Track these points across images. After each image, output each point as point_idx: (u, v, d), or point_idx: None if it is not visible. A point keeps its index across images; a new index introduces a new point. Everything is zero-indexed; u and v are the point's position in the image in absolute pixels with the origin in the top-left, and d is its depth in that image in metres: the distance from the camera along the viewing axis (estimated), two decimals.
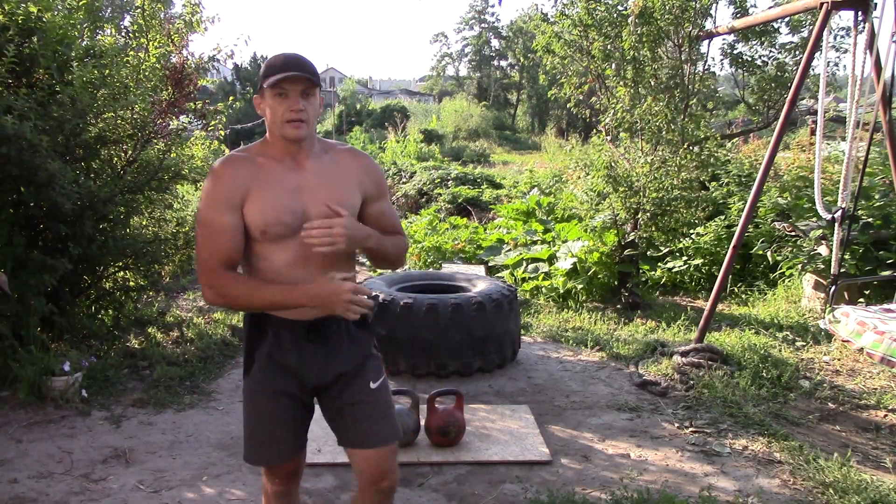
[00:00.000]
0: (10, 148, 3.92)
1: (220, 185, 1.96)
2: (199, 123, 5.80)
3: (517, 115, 46.16)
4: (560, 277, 7.04)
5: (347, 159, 2.10)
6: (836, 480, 3.24)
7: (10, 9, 4.32)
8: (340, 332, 2.08)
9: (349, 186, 2.06)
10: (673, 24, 6.26)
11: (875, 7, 4.32)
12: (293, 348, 2.04)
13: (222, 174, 1.96)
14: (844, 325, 3.96)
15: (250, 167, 1.98)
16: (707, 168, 6.71)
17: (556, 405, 4.31)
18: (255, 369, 2.08)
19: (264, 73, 1.95)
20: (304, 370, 2.06)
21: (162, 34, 5.21)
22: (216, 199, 1.95)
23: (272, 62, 1.96)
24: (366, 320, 2.14)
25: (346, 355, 2.09)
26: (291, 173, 2.00)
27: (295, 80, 1.92)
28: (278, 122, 1.95)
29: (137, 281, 5.47)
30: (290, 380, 2.07)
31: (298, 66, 1.93)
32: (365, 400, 2.10)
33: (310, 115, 1.96)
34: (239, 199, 1.95)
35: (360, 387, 2.10)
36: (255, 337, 2.07)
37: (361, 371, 2.11)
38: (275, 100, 1.94)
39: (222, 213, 1.94)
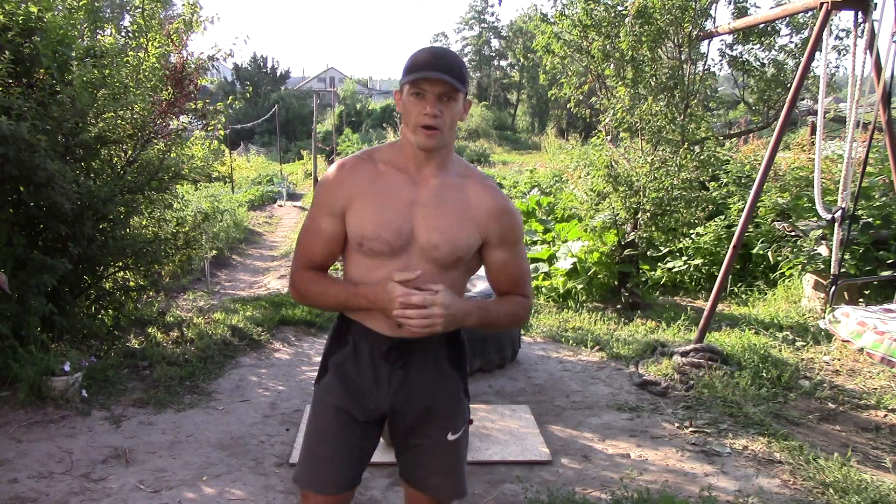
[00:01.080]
0: (7, 148, 3.92)
1: (325, 188, 1.84)
2: (199, 123, 5.81)
3: (517, 115, 46.19)
4: (560, 277, 7.04)
5: (479, 193, 1.83)
6: (836, 480, 3.24)
7: (10, 9, 4.32)
8: (427, 362, 1.89)
9: (468, 223, 1.81)
10: (672, 24, 6.26)
11: (875, 7, 4.33)
12: (369, 365, 1.86)
13: (331, 177, 1.84)
14: (844, 325, 3.96)
15: (365, 173, 1.81)
16: (707, 168, 6.71)
17: (556, 405, 4.31)
18: (327, 378, 1.90)
19: (407, 68, 1.73)
20: (376, 393, 1.87)
21: (161, 34, 5.21)
22: (319, 202, 1.85)
23: (417, 56, 1.73)
24: (461, 357, 1.97)
25: (429, 390, 1.89)
26: (409, 186, 1.79)
27: (434, 81, 1.69)
28: (410, 125, 1.74)
29: (137, 281, 5.47)
30: (351, 398, 1.87)
31: (442, 65, 1.69)
32: (435, 450, 1.92)
33: (446, 123, 1.72)
34: (340, 206, 1.81)
35: (435, 433, 1.91)
36: (335, 343, 1.92)
37: (442, 415, 1.91)
38: (410, 99, 1.72)
39: (321, 216, 1.83)
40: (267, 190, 21.15)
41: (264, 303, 6.52)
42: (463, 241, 1.80)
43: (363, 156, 1.86)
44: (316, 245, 1.85)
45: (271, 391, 4.49)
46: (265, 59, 44.57)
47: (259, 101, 39.88)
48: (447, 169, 1.82)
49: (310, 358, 5.20)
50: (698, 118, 6.49)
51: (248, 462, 3.49)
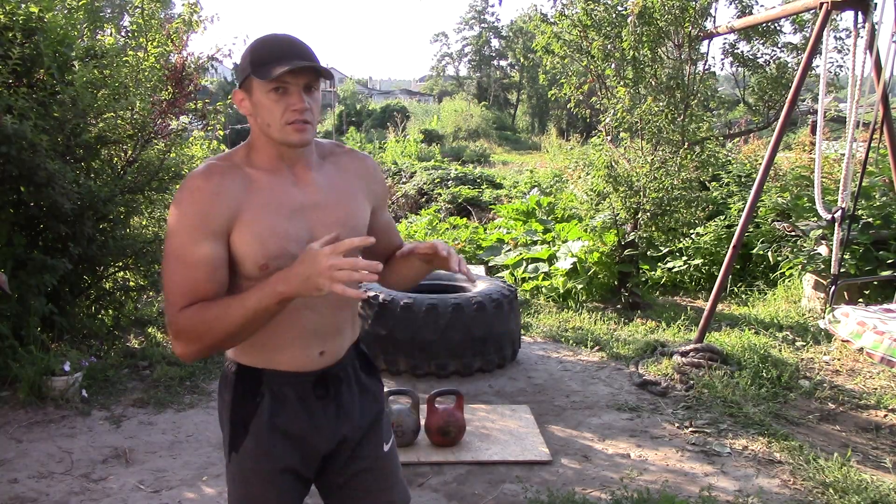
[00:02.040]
0: (10, 147, 3.92)
1: (198, 203, 1.47)
2: (200, 123, 5.81)
3: (517, 116, 46.17)
4: (560, 277, 7.04)
5: (352, 165, 1.69)
6: (836, 480, 3.24)
7: (10, 9, 4.33)
8: (350, 383, 1.71)
9: (359, 200, 1.67)
10: (673, 24, 6.26)
11: (875, 7, 4.33)
12: (300, 409, 1.62)
13: (201, 190, 1.48)
14: (844, 325, 3.96)
15: (240, 181, 1.52)
16: (707, 168, 6.71)
17: (556, 405, 4.31)
18: (249, 444, 1.61)
19: (254, 61, 1.50)
20: (316, 436, 1.64)
21: (161, 34, 5.21)
22: (193, 223, 1.46)
23: (263, 48, 1.51)
24: (371, 363, 1.81)
25: (359, 411, 1.71)
26: (291, 189, 1.56)
27: (300, 72, 1.48)
28: (277, 125, 1.50)
29: (137, 281, 5.47)
30: (296, 452, 1.63)
31: (301, 53, 1.49)
32: (376, 466, 1.75)
33: (315, 115, 1.53)
34: (224, 223, 1.48)
35: (373, 450, 1.74)
36: (246, 402, 1.62)
37: (374, 431, 1.75)
38: (269, 96, 1.49)
39: (199, 241, 1.46)
40: None
41: None
42: (362, 222, 1.66)
43: (224, 161, 1.56)
44: (201, 279, 1.47)
45: None
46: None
47: None
48: (311, 158, 1.62)
49: None
50: (699, 118, 6.49)
51: None
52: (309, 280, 1.38)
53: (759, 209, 7.12)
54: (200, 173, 1.51)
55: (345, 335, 1.70)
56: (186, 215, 1.48)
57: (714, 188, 8.14)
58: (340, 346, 1.69)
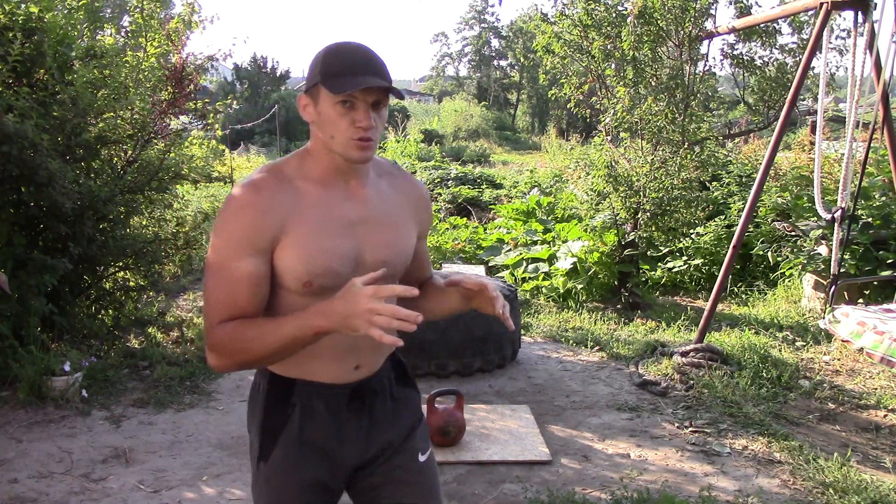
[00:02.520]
0: (11, 147, 3.92)
1: (244, 217, 1.44)
2: (200, 123, 5.81)
3: (517, 116, 46.17)
4: (560, 277, 7.04)
5: (406, 189, 1.65)
6: (836, 480, 3.24)
7: (10, 9, 4.33)
8: (385, 396, 1.67)
9: (408, 224, 1.62)
10: (673, 24, 6.26)
11: (875, 7, 4.33)
12: (330, 422, 1.58)
13: (249, 206, 1.44)
14: (844, 325, 3.96)
15: (289, 196, 1.47)
16: (707, 168, 6.71)
17: (556, 405, 4.31)
18: (278, 455, 1.59)
19: (325, 70, 1.43)
20: (345, 450, 1.60)
21: (161, 34, 5.22)
22: (237, 237, 1.44)
23: (336, 58, 1.45)
24: (408, 374, 1.77)
25: (392, 422, 1.67)
26: (344, 204, 1.51)
27: (370, 89, 1.43)
28: (340, 139, 1.45)
29: (137, 281, 5.47)
30: (326, 465, 1.60)
31: (374, 69, 1.44)
32: (409, 478, 1.68)
33: (378, 132, 1.48)
34: (269, 238, 1.45)
35: (407, 462, 1.68)
36: (278, 412, 1.58)
37: (409, 441, 1.69)
38: (336, 109, 1.43)
39: (242, 255, 1.44)
40: None
41: None
42: (408, 247, 1.62)
43: (274, 172, 1.51)
44: (241, 294, 1.45)
45: None
46: (265, 59, 44.48)
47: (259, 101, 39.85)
48: (368, 174, 1.58)
49: None
50: (699, 118, 6.49)
51: (248, 462, 3.47)
52: (347, 319, 1.35)
53: (759, 209, 7.12)
54: (250, 188, 1.47)
55: (382, 349, 1.65)
56: (232, 231, 1.45)
57: (714, 188, 8.14)
58: (377, 360, 1.65)
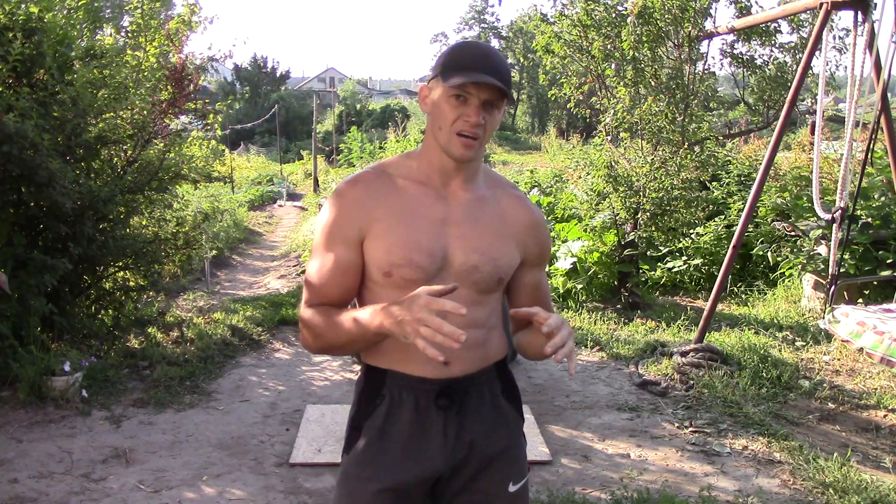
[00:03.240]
0: (11, 147, 3.92)
1: (338, 210, 1.54)
2: (200, 123, 5.82)
3: (517, 116, 46.15)
4: (560, 277, 7.04)
5: (514, 207, 1.62)
6: (836, 480, 3.24)
7: (10, 9, 4.33)
8: (483, 402, 1.59)
9: (507, 239, 1.58)
10: (673, 24, 6.26)
11: (875, 7, 4.33)
12: (416, 419, 1.54)
13: (344, 197, 1.54)
14: (844, 325, 3.96)
15: (384, 190, 1.54)
16: (707, 168, 6.71)
17: (556, 405, 4.31)
18: (361, 446, 1.56)
19: (445, 63, 1.47)
20: (429, 452, 1.54)
21: (161, 34, 5.22)
22: (330, 228, 1.54)
23: (460, 53, 1.49)
24: (515, 390, 1.67)
25: (489, 435, 1.58)
26: (437, 203, 1.54)
27: (484, 86, 1.44)
28: (447, 131, 1.47)
29: (137, 281, 5.47)
30: (408, 467, 1.53)
31: (494, 69, 1.45)
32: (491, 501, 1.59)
33: (487, 133, 1.49)
34: (357, 231, 1.52)
35: (494, 486, 1.58)
36: (366, 400, 1.58)
37: (501, 462, 1.59)
38: (449, 101, 1.46)
39: (333, 244, 1.53)
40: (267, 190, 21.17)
41: (264, 303, 6.52)
42: (505, 260, 1.57)
43: (376, 170, 1.59)
44: (331, 280, 1.54)
45: (271, 391, 4.49)
46: (265, 60, 44.56)
47: (259, 101, 39.89)
48: (475, 180, 1.58)
49: (310, 358, 5.19)
50: (698, 118, 6.49)
51: (248, 462, 3.49)
52: (401, 323, 1.35)
53: (759, 209, 7.12)
54: (348, 181, 1.57)
55: (476, 350, 1.57)
56: (328, 219, 1.55)
57: (714, 188, 8.14)
58: (470, 360, 1.57)
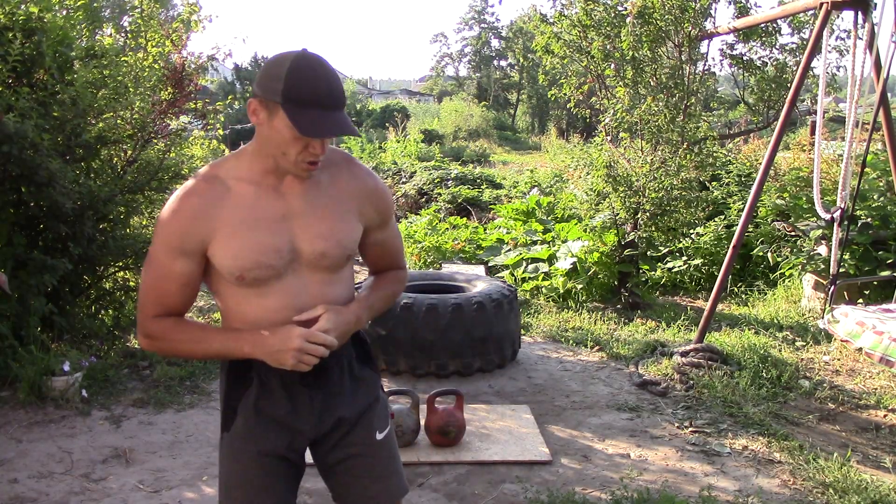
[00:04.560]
0: (11, 147, 3.92)
1: (174, 223, 1.58)
2: (200, 123, 5.81)
3: (517, 116, 46.13)
4: (560, 277, 7.04)
5: (348, 181, 1.70)
6: (836, 480, 3.24)
7: (10, 9, 4.33)
8: (342, 372, 1.76)
9: (347, 215, 1.69)
10: (672, 24, 6.26)
11: (875, 7, 4.33)
12: (285, 396, 1.69)
13: (179, 210, 1.58)
14: (843, 324, 3.96)
15: (219, 197, 1.59)
16: (706, 168, 6.71)
17: (556, 405, 4.31)
18: (238, 424, 1.71)
19: (288, 92, 1.48)
20: (299, 421, 1.72)
21: (160, 34, 5.22)
22: (168, 240, 1.59)
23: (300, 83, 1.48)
24: (370, 355, 1.85)
25: (349, 399, 1.77)
26: (276, 200, 1.61)
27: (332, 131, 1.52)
28: (291, 158, 1.55)
29: (137, 281, 5.47)
30: (281, 435, 1.72)
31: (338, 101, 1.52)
32: (367, 453, 1.79)
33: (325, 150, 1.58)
34: (197, 242, 1.58)
35: (363, 438, 1.79)
36: (236, 384, 1.71)
37: (366, 418, 1.80)
38: (290, 131, 1.51)
39: (173, 256, 1.59)
40: None
41: None
42: (348, 237, 1.68)
43: (207, 177, 1.61)
44: (171, 289, 1.62)
45: None
46: (265, 59, 44.53)
47: None
48: None
49: None
50: (698, 118, 6.49)
51: None
52: (277, 354, 1.57)
53: (758, 209, 7.12)
54: (181, 193, 1.61)
55: None
56: (164, 232, 1.60)
57: (714, 188, 8.14)
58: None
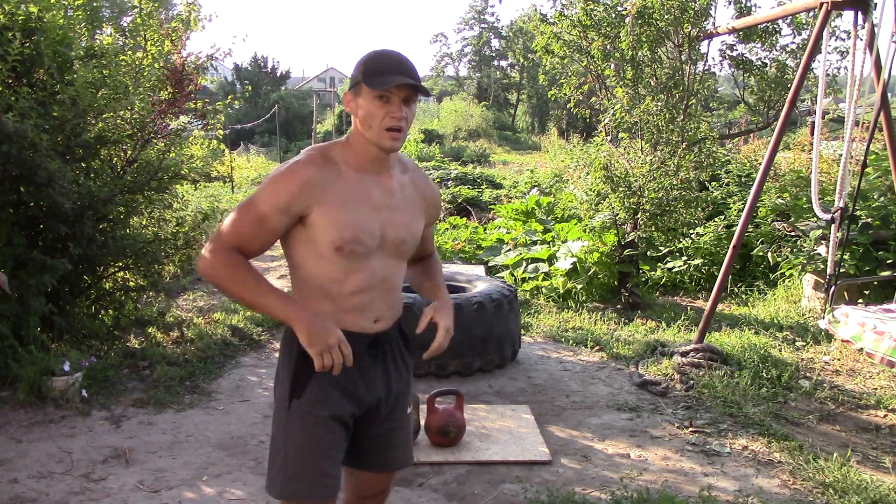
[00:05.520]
0: (10, 146, 3.92)
1: (288, 184, 1.78)
2: (199, 123, 5.81)
3: (517, 116, 46.18)
4: (560, 277, 7.04)
5: (422, 185, 2.01)
6: (836, 480, 3.24)
7: (10, 9, 4.33)
8: (395, 350, 2.03)
9: (419, 213, 1.99)
10: (672, 24, 6.26)
11: (875, 7, 4.33)
12: (356, 367, 1.87)
13: (296, 174, 1.79)
14: (844, 325, 3.96)
15: (332, 175, 1.82)
16: (706, 168, 6.71)
17: (556, 405, 4.31)
18: (311, 391, 1.86)
19: (367, 70, 1.78)
20: (365, 390, 1.93)
21: (160, 34, 5.21)
22: (275, 196, 1.78)
23: (377, 60, 1.79)
24: (408, 339, 2.11)
25: (398, 374, 2.03)
26: (374, 189, 1.86)
27: (403, 86, 1.76)
28: (375, 128, 1.78)
29: (137, 281, 5.47)
30: (347, 402, 1.90)
31: (408, 71, 1.78)
32: (401, 427, 2.07)
33: (408, 125, 1.81)
34: (302, 207, 1.79)
35: (401, 412, 2.05)
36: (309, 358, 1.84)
37: (403, 397, 2.06)
38: (374, 103, 1.77)
39: (274, 211, 1.78)
40: None
41: None
42: (419, 231, 1.99)
43: (324, 155, 1.85)
44: (258, 234, 1.80)
45: (271, 391, 4.49)
46: (265, 59, 44.48)
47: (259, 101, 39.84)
48: (396, 166, 1.94)
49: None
50: (698, 118, 6.49)
51: (248, 462, 3.49)
52: (311, 336, 1.76)
53: (758, 209, 7.12)
54: (302, 160, 1.83)
55: (393, 311, 2.02)
56: (275, 188, 1.79)
57: (714, 188, 8.14)
58: (390, 319, 2.00)
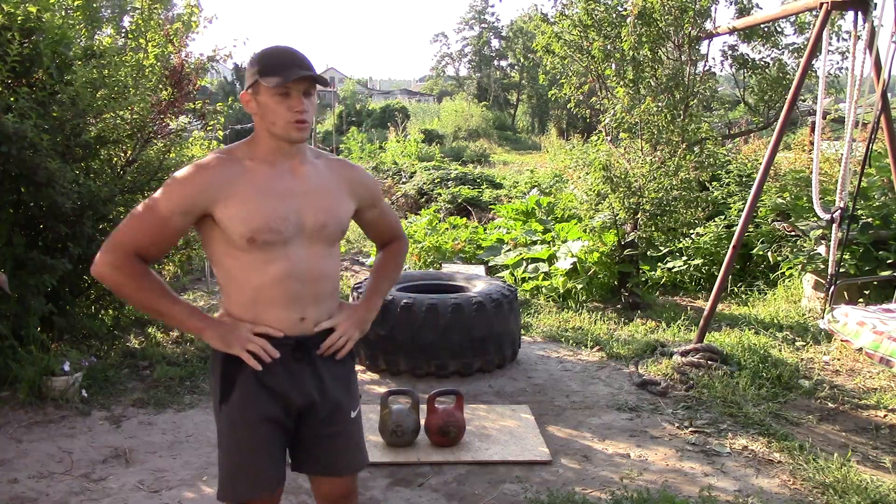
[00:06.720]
0: (10, 147, 3.92)
1: (184, 188, 1.81)
2: (199, 123, 5.81)
3: (517, 116, 46.16)
4: (560, 277, 7.04)
5: (339, 168, 2.02)
6: (836, 480, 3.24)
7: (9, 9, 4.33)
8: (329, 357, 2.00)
9: (342, 195, 1.98)
10: (673, 24, 6.26)
11: (875, 7, 4.33)
12: (280, 368, 1.89)
13: (191, 179, 1.81)
14: (844, 325, 3.96)
15: (234, 171, 1.84)
16: (706, 169, 6.71)
17: (556, 405, 4.31)
18: (237, 395, 1.89)
19: (263, 68, 1.82)
20: (294, 392, 1.92)
21: (160, 34, 5.21)
22: (173, 199, 1.80)
23: (272, 58, 1.83)
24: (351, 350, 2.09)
25: (335, 381, 2.00)
26: (285, 177, 1.88)
27: (300, 79, 1.80)
28: (280, 123, 1.82)
29: None
30: (277, 404, 1.91)
31: (303, 64, 1.82)
32: (343, 431, 2.02)
33: (311, 116, 1.86)
34: (201, 208, 1.81)
35: (342, 416, 2.01)
36: (235, 360, 1.88)
37: (346, 397, 2.02)
38: (274, 99, 1.81)
39: (178, 213, 1.80)
40: None
41: None
42: (344, 214, 1.98)
43: (223, 155, 1.87)
44: (155, 237, 1.83)
45: None
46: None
47: None
48: (306, 155, 1.95)
49: None
50: (698, 118, 6.49)
51: None
52: (226, 336, 1.85)
53: (759, 209, 7.12)
54: (198, 164, 1.84)
55: (323, 307, 1.96)
56: (172, 193, 1.81)
57: (714, 188, 8.14)
58: (319, 317, 1.95)
